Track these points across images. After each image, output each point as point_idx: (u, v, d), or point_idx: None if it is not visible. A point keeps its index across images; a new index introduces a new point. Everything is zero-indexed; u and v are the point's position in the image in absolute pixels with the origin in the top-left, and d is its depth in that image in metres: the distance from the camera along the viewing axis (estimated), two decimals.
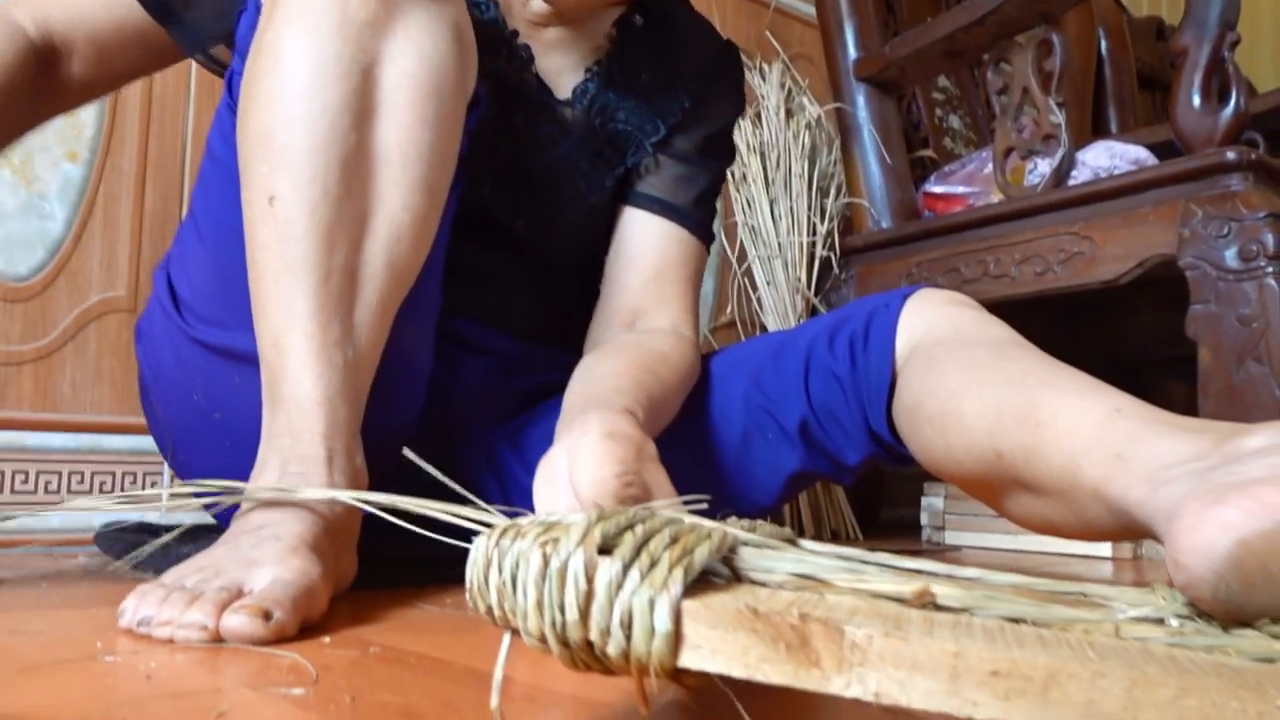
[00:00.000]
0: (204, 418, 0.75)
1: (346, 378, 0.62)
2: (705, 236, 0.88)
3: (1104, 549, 1.31)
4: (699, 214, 0.87)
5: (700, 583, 0.30)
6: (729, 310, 1.65)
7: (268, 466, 0.61)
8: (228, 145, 0.66)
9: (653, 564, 0.28)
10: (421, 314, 0.74)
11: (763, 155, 1.55)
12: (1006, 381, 0.61)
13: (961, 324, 0.72)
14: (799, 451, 0.79)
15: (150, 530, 0.99)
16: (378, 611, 0.60)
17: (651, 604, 0.27)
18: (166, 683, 0.39)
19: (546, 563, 0.28)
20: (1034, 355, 0.65)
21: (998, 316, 0.72)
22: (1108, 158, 1.31)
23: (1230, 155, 1.14)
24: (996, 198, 1.43)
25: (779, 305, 1.55)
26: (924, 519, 1.53)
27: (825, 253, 1.57)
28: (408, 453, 0.46)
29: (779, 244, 1.55)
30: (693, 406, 0.83)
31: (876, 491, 1.82)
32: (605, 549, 0.28)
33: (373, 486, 0.69)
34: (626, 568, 0.27)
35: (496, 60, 0.81)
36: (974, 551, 1.37)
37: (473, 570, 0.31)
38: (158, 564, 0.79)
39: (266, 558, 0.55)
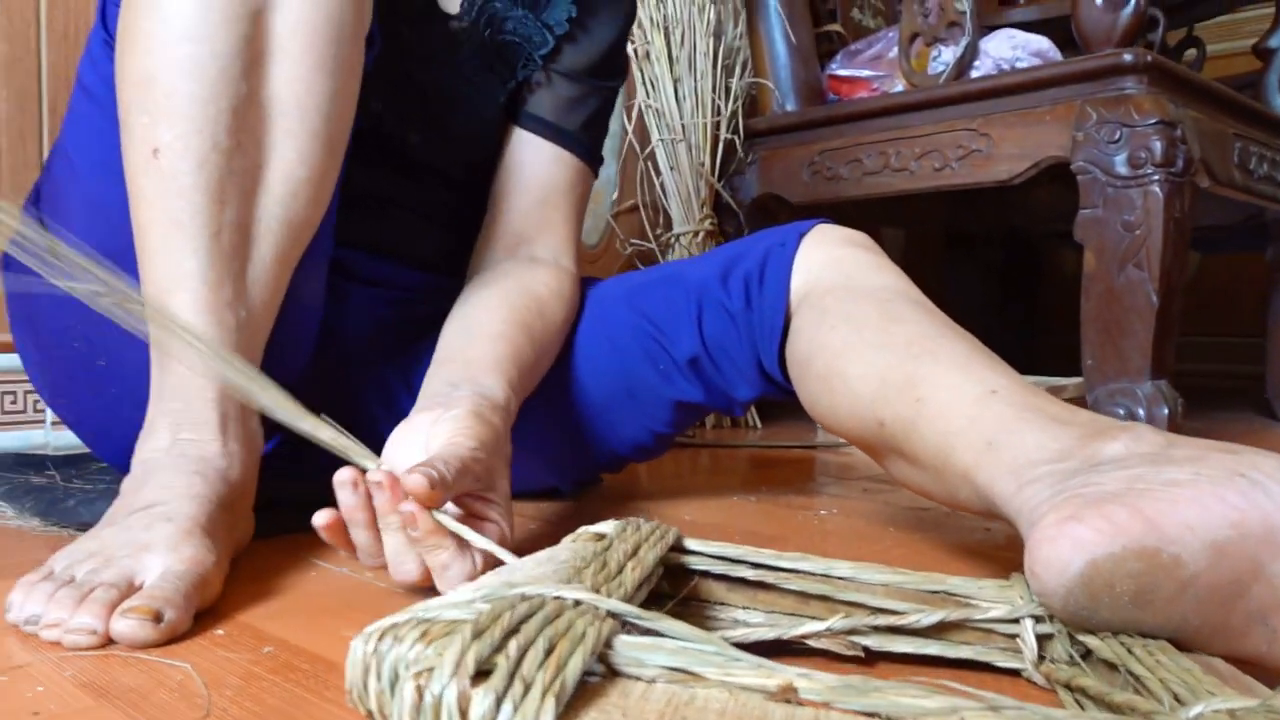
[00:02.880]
0: (86, 365, 0.72)
1: (239, 339, 0.60)
2: (593, 162, 0.86)
3: None
4: (587, 138, 0.84)
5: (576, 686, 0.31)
6: (634, 196, 1.63)
7: (157, 429, 0.60)
8: (106, 85, 0.62)
9: (526, 689, 0.29)
10: (315, 260, 0.72)
11: (666, 32, 1.50)
12: (891, 346, 0.63)
13: (854, 271, 0.72)
14: (690, 384, 0.80)
15: (32, 463, 0.97)
16: (274, 580, 0.61)
17: None
18: (54, 714, 0.40)
19: (421, 696, 0.28)
20: (920, 314, 0.66)
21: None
22: (1009, 48, 1.30)
23: (1126, 57, 1.14)
24: (901, 82, 1.42)
25: (682, 189, 1.53)
26: None
27: (729, 135, 1.54)
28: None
29: (683, 126, 1.52)
30: (577, 336, 0.83)
31: None
32: (480, 671, 0.29)
33: (267, 434, 0.68)
34: (499, 700, 0.28)
35: None
36: None
37: (352, 672, 0.31)
38: (43, 512, 0.78)
39: (158, 543, 0.54)
